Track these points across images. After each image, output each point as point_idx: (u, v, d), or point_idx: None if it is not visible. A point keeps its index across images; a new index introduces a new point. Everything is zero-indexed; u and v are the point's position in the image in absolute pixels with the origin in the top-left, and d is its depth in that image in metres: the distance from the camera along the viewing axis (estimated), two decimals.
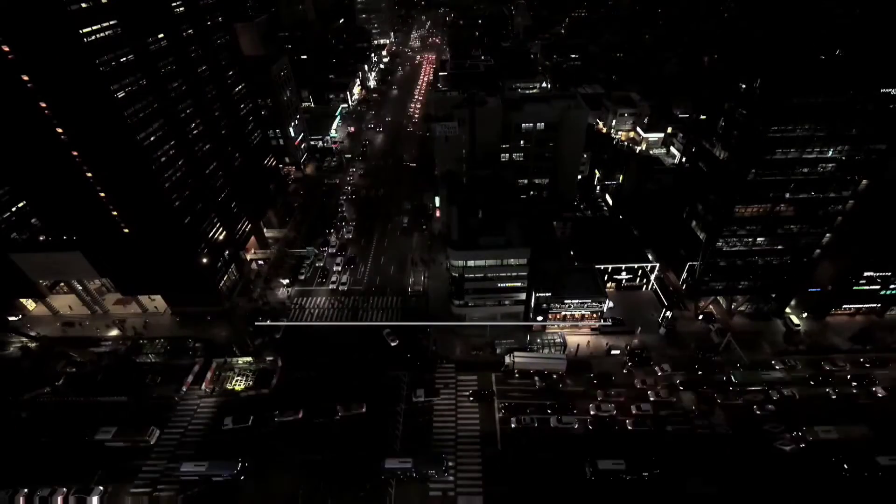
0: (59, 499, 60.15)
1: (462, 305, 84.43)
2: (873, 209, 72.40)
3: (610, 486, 60.51)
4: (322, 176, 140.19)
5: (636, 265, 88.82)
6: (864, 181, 70.95)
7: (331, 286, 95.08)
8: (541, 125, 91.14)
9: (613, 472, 60.84)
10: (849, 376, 74.22)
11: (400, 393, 73.29)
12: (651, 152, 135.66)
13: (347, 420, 69.04)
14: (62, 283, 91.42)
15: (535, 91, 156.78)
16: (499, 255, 77.31)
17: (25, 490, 61.08)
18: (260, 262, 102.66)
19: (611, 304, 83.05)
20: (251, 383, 75.32)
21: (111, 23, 62.64)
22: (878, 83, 62.24)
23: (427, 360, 78.60)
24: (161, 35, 73.63)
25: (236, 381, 75.84)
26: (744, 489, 59.70)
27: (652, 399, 71.05)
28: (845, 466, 61.36)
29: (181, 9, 79.28)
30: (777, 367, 75.64)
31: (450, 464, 62.86)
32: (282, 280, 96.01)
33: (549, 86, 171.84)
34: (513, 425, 67.93)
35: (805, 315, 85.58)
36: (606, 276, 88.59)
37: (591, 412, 69.33)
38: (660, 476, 61.12)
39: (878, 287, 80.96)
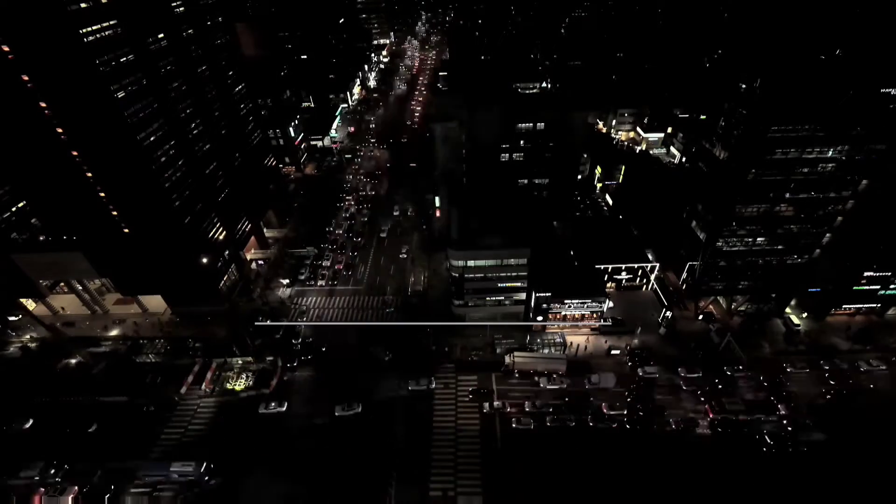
0: (69, 499, 60.30)
1: (462, 305, 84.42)
2: (873, 209, 72.41)
3: None
4: (322, 176, 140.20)
5: (636, 265, 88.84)
6: (864, 181, 71.01)
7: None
8: (541, 125, 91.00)
9: None
10: None
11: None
12: (651, 152, 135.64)
13: None
14: (62, 283, 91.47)
15: (535, 91, 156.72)
16: (499, 255, 77.30)
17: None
18: (260, 262, 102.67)
19: (611, 304, 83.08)
20: (251, 383, 75.38)
21: (111, 23, 62.71)
22: (878, 83, 62.28)
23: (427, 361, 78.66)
24: (161, 35, 73.68)
25: (236, 381, 75.89)
26: None
27: None
28: None
29: (181, 9, 79.34)
30: None
31: None
32: (282, 280, 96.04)
33: (550, 86, 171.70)
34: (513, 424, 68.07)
35: (805, 315, 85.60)
36: (606, 276, 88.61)
37: None
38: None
39: (878, 287, 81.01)
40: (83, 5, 59.03)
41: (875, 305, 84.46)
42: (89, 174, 69.19)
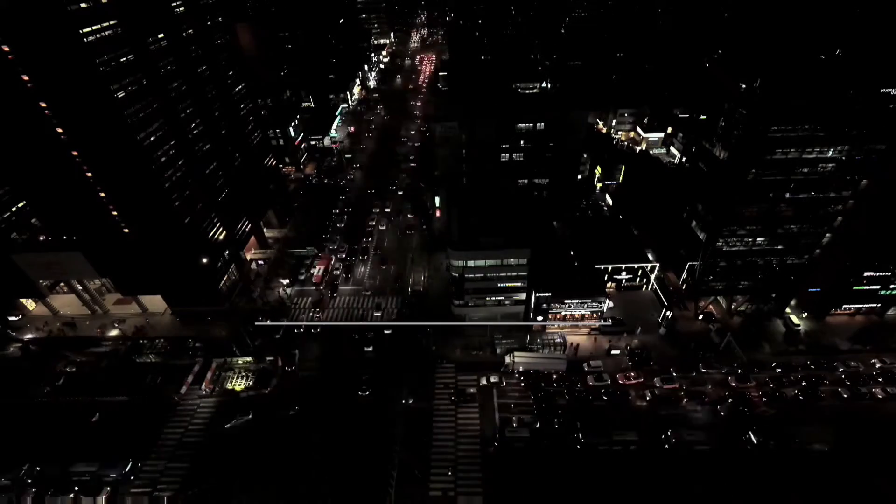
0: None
1: (462, 305, 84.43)
2: (873, 209, 72.39)
3: None
4: (322, 175, 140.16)
5: (636, 265, 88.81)
6: (864, 181, 70.99)
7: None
8: (541, 125, 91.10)
9: None
10: None
11: None
12: (651, 152, 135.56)
13: None
14: (62, 283, 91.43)
15: (535, 91, 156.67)
16: (499, 255, 77.33)
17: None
18: (260, 262, 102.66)
19: (611, 304, 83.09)
20: (251, 383, 75.36)
21: (111, 23, 62.74)
22: (878, 83, 62.27)
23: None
24: (161, 35, 73.70)
25: (236, 381, 75.89)
26: None
27: None
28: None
29: (181, 9, 79.33)
30: None
31: None
32: (282, 280, 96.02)
33: (550, 86, 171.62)
34: None
35: (805, 315, 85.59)
36: (606, 276, 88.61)
37: None
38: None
39: (878, 287, 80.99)
40: (83, 5, 59.05)
41: (875, 305, 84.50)
42: (89, 174, 69.22)
